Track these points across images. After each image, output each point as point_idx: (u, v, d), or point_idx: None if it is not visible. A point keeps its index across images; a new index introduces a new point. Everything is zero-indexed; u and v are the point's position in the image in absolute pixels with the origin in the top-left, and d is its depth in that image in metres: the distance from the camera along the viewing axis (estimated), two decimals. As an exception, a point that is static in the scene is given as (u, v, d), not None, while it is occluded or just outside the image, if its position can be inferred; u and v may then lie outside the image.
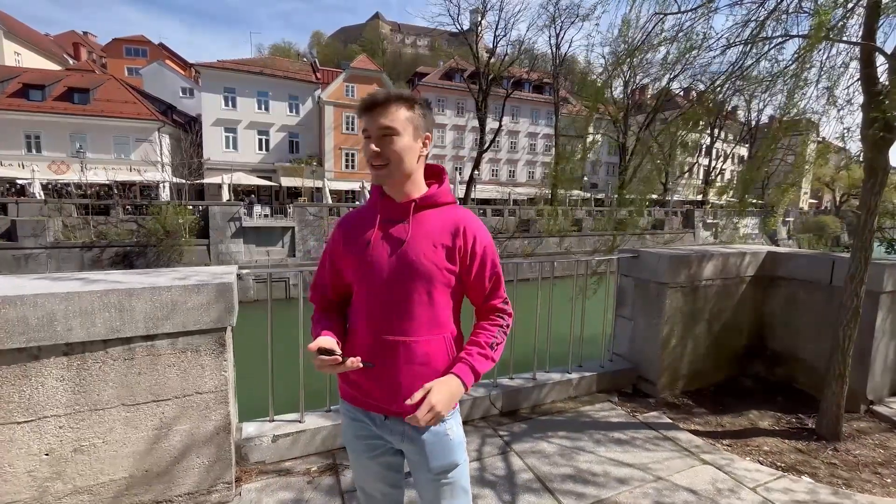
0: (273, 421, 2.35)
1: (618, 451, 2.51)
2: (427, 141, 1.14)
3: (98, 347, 1.67)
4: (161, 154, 25.31)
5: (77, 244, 17.19)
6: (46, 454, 1.65)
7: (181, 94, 35.20)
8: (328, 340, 1.07)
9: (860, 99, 2.91)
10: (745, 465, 2.40)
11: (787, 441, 2.73)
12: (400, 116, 1.08)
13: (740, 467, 2.38)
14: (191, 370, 1.82)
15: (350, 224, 1.22)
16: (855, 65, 3.01)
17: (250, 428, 2.27)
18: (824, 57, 3.06)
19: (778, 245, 35.72)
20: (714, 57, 3.29)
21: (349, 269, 1.18)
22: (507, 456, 2.40)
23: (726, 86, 3.37)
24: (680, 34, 2.93)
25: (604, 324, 3.45)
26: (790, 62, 3.01)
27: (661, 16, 3.05)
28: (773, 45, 2.79)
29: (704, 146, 41.35)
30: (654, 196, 38.05)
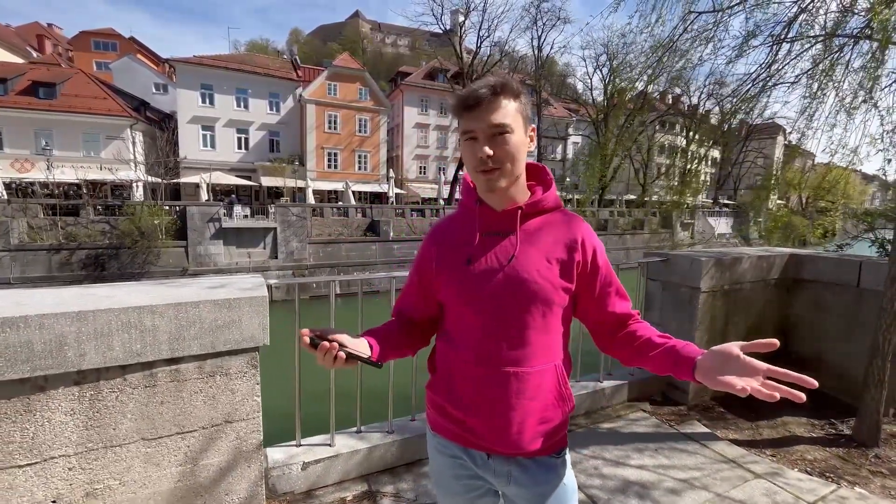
0: (301, 445, 2.12)
1: (665, 463, 2.39)
2: (533, 133, 0.97)
3: (115, 374, 1.43)
4: (134, 152, 24.22)
5: (44, 246, 16.24)
6: (53, 501, 1.40)
7: (154, 91, 33.82)
8: (336, 333, 0.89)
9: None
10: (797, 477, 2.31)
11: (827, 449, 2.67)
12: (511, 110, 0.91)
13: (793, 479, 2.29)
14: (220, 396, 1.60)
15: (444, 236, 1.04)
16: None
17: (277, 454, 2.05)
18: (849, 56, 3.04)
19: (751, 244, 36.93)
20: (740, 56, 3.22)
21: (446, 288, 1.01)
22: (554, 476, 2.25)
23: (750, 87, 3.30)
24: (718, 29, 2.84)
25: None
26: (820, 60, 2.97)
27: (695, 14, 2.96)
28: (812, 45, 2.72)
29: (680, 148, 42.46)
30: (633, 196, 38.88)
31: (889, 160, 2.80)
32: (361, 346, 0.92)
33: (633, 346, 0.99)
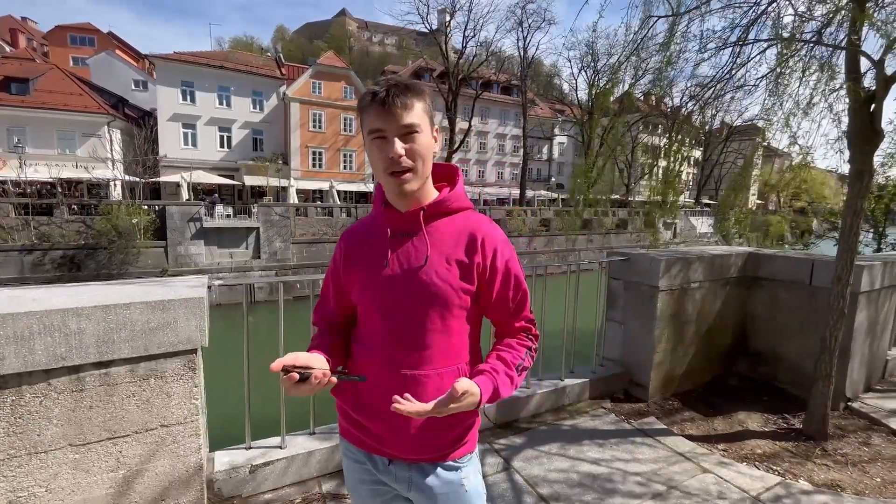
0: (250, 448, 2.10)
1: (621, 458, 2.43)
2: (437, 134, 0.97)
3: (38, 379, 1.39)
4: (111, 150, 23.64)
5: (15, 247, 15.76)
6: (-28, 510, 1.36)
7: (133, 87, 33.10)
8: (302, 356, 0.87)
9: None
10: (745, 471, 2.37)
11: (777, 443, 2.74)
12: (419, 110, 0.90)
13: (741, 472, 2.34)
14: (154, 400, 1.57)
15: (353, 239, 1.04)
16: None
17: (224, 458, 2.02)
18: (804, 61, 3.12)
19: (730, 243, 37.69)
20: (704, 60, 3.28)
21: (354, 289, 1.01)
22: (509, 473, 2.26)
23: (712, 90, 3.36)
24: (675, 37, 2.88)
25: (596, 327, 3.38)
26: (775, 65, 3.04)
27: (655, 18, 3.00)
28: (767, 47, 2.79)
29: (662, 149, 43.11)
30: (618, 196, 39.35)
31: (846, 162, 2.86)
32: (321, 363, 0.90)
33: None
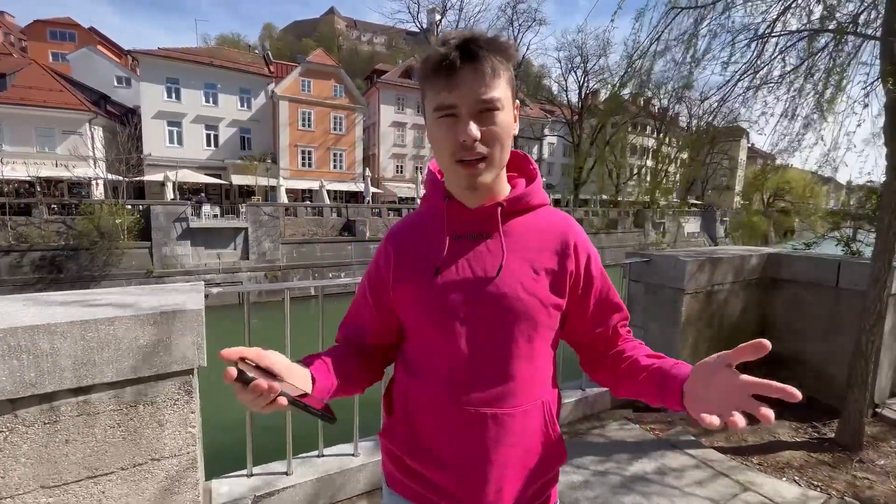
0: (252, 476, 1.87)
1: (653, 475, 2.26)
2: (517, 112, 0.75)
3: (3, 410, 1.16)
4: (93, 148, 22.90)
5: (-9, 248, 15.13)
6: (-81, 573, 1.12)
7: (116, 84, 32.20)
8: (276, 359, 0.61)
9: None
10: (785, 487, 2.21)
11: (812, 454, 2.59)
12: (504, 79, 0.69)
13: (782, 489, 2.19)
14: (144, 430, 1.34)
15: (405, 239, 0.82)
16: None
17: (223, 488, 1.79)
18: (834, 54, 2.99)
19: (717, 243, 38.27)
20: (729, 57, 3.13)
21: (407, 305, 0.79)
22: (536, 497, 2.07)
23: (737, 87, 3.23)
24: (701, 29, 2.73)
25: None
26: (805, 57, 2.91)
27: (678, 10, 2.85)
28: (798, 39, 2.64)
29: (651, 149, 43.61)
30: (607, 196, 39.61)
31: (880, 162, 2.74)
32: (301, 380, 0.66)
33: (617, 371, 0.82)
